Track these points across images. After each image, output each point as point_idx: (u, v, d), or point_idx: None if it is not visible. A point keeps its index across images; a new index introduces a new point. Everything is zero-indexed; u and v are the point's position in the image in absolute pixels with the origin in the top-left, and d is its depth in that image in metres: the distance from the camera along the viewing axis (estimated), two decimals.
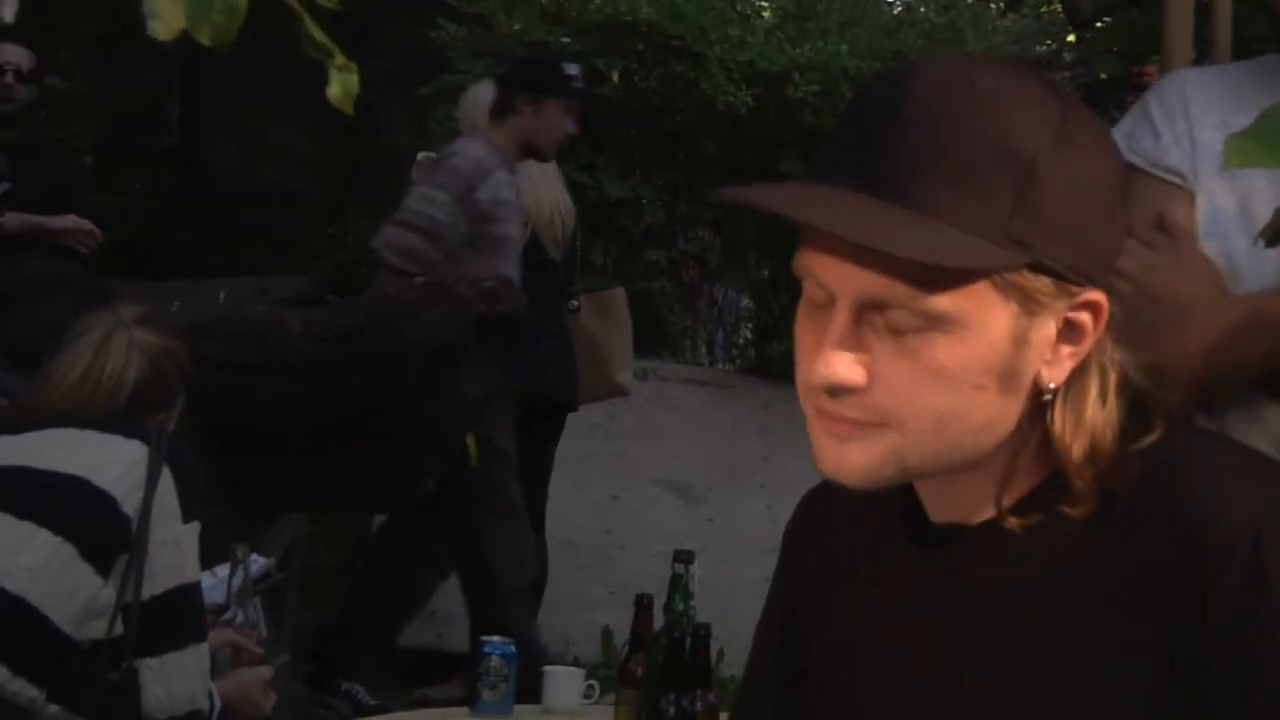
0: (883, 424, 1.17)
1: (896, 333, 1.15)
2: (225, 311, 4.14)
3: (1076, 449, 1.19)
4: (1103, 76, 7.34)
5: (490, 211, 4.88)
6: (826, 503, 1.38)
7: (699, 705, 2.64)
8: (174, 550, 2.61)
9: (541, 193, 5.29)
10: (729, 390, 6.10)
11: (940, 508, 1.26)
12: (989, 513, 1.22)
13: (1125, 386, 1.21)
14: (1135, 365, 1.22)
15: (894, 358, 1.15)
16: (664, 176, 6.35)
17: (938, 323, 1.15)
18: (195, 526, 2.65)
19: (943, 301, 1.14)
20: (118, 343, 2.77)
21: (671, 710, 2.65)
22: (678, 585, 2.83)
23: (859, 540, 1.33)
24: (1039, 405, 1.19)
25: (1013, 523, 1.20)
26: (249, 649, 3.03)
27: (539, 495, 5.33)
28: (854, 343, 1.16)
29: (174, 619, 2.62)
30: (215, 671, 2.80)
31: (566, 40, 6.82)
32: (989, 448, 1.20)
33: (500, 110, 5.05)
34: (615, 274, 6.32)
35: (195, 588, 2.68)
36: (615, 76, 6.83)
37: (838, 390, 1.16)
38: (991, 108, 1.16)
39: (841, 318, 1.16)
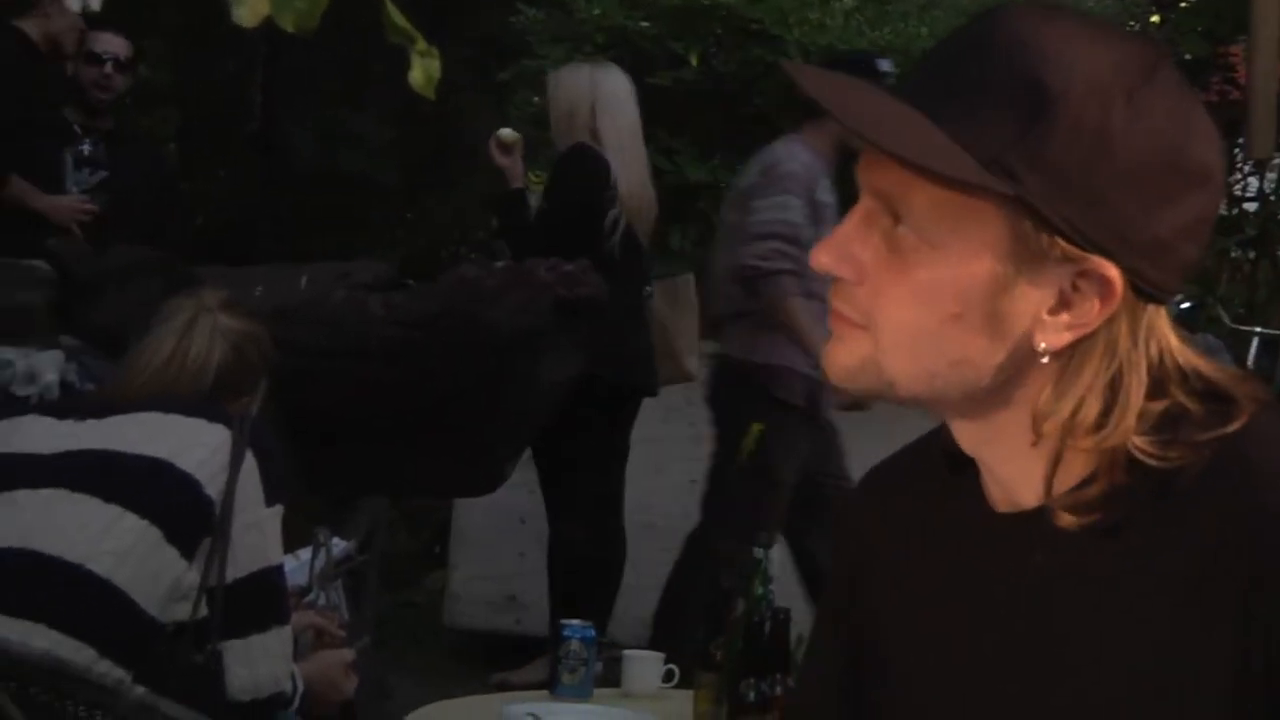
0: (865, 326, 1.19)
1: (899, 247, 1.17)
2: (307, 296, 4.16)
3: (1049, 423, 1.16)
4: (1187, 57, 7.24)
5: (820, 214, 4.89)
6: (883, 481, 1.37)
7: (778, 689, 2.64)
8: (257, 534, 2.63)
9: (634, 178, 5.28)
10: None
11: (994, 490, 1.24)
12: (1039, 499, 1.19)
13: (1166, 382, 1.16)
14: (1204, 362, 1.18)
15: (888, 265, 1.18)
16: (743, 160, 6.32)
17: (928, 238, 1.16)
18: (278, 510, 2.67)
19: (933, 209, 1.15)
20: (201, 328, 2.79)
21: (751, 694, 2.65)
22: (757, 570, 2.82)
23: (909, 521, 1.31)
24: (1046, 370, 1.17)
25: (1062, 510, 1.17)
26: (331, 631, 3.05)
27: (616, 479, 5.34)
28: (860, 239, 1.19)
29: (257, 602, 2.65)
30: (297, 654, 2.82)
31: (645, 24, 6.81)
32: (974, 389, 1.18)
33: (819, 111, 5.01)
34: (694, 257, 6.30)
35: (278, 570, 2.70)
36: (694, 60, 6.81)
37: (828, 274, 1.20)
38: (1045, 44, 1.14)
39: (857, 212, 1.20)
